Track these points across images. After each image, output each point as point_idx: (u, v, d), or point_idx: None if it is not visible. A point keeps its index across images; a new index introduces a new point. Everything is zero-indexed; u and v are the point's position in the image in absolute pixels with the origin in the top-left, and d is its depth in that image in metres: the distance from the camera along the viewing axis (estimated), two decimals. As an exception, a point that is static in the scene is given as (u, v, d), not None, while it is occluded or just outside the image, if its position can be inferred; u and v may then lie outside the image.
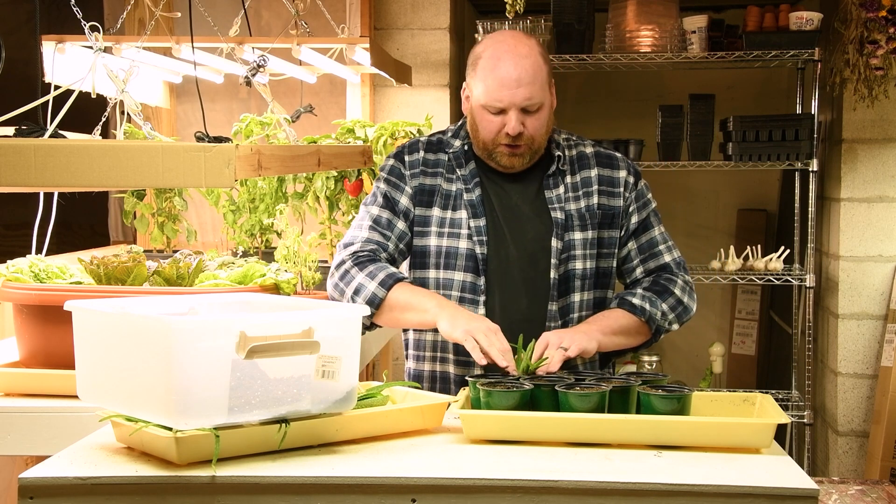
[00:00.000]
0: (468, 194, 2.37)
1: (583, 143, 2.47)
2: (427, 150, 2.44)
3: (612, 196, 2.41)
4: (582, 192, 2.40)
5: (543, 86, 2.31)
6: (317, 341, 1.75)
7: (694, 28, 4.22)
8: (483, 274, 2.33)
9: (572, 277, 2.35)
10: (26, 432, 2.22)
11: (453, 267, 2.35)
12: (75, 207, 3.26)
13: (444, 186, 2.39)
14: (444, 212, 2.37)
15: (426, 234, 2.38)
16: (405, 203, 2.39)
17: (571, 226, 2.36)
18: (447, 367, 2.38)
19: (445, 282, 2.35)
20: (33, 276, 2.46)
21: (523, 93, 2.27)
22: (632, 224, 2.42)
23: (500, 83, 2.28)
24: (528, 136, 2.31)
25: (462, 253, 2.34)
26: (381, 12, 4.27)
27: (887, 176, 4.11)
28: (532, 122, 2.30)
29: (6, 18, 4.35)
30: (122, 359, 1.75)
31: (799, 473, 1.68)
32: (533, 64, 2.29)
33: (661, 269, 2.42)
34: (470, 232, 2.34)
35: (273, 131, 3.44)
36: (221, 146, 1.89)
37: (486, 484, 1.63)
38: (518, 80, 2.27)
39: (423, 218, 2.39)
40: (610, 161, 2.44)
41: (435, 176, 2.41)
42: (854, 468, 4.15)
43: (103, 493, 1.63)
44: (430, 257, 2.37)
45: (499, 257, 2.35)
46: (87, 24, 2.39)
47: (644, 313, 2.33)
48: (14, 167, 1.75)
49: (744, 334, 5.32)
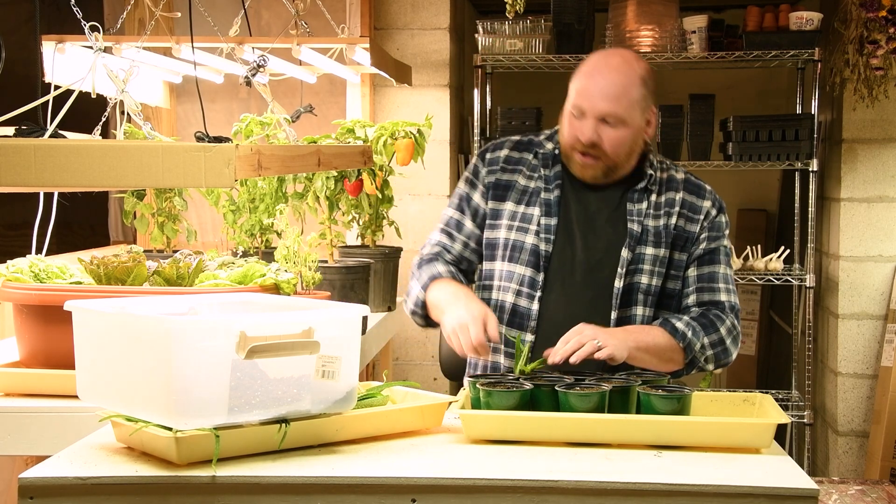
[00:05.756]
0: (546, 193, 2.41)
1: (675, 169, 2.48)
2: (513, 148, 2.49)
3: (691, 221, 2.41)
4: (663, 211, 2.40)
5: (632, 106, 2.31)
6: (317, 341, 1.75)
7: (694, 28, 4.22)
8: (543, 270, 2.36)
9: (636, 290, 2.35)
10: (26, 432, 2.22)
11: (517, 260, 2.39)
12: (75, 207, 3.26)
13: (522, 182, 2.44)
14: (518, 206, 2.42)
15: (497, 227, 2.43)
16: (477, 201, 2.47)
17: (645, 240, 2.36)
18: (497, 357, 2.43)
19: (508, 274, 2.39)
20: (33, 276, 2.46)
21: (605, 104, 2.29)
22: (698, 251, 2.40)
23: (586, 88, 2.32)
24: (603, 150, 2.32)
25: (527, 248, 2.38)
26: (381, 12, 4.27)
27: (887, 176, 4.11)
28: (610, 135, 2.31)
29: (6, 18, 4.36)
30: (122, 359, 1.75)
31: (799, 473, 1.68)
32: (626, 80, 2.31)
33: (713, 305, 2.38)
34: (538, 228, 2.38)
35: (273, 131, 3.43)
36: (221, 146, 1.89)
37: (486, 484, 1.63)
38: (603, 90, 2.29)
39: (496, 211, 2.44)
40: (698, 190, 2.45)
41: (514, 172, 2.46)
42: (854, 468, 4.15)
43: (103, 493, 1.63)
44: (499, 249, 2.42)
45: (563, 257, 2.37)
46: (87, 24, 2.39)
47: (684, 339, 2.30)
48: (14, 167, 1.75)
49: (744, 334, 5.30)
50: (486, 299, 2.43)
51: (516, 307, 2.38)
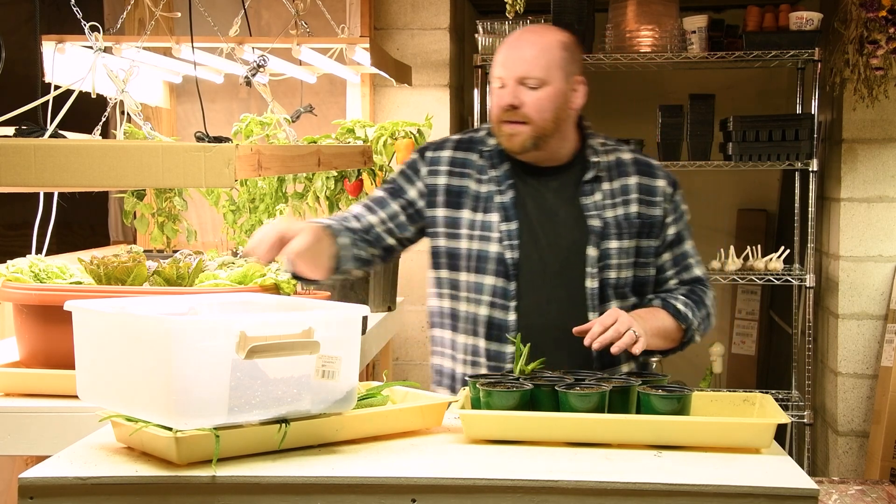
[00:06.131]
0: (500, 196, 2.34)
1: (620, 148, 2.45)
2: (456, 148, 2.42)
3: (652, 205, 2.38)
4: (620, 199, 2.37)
5: (551, 66, 2.30)
6: (317, 341, 1.75)
7: (694, 28, 4.22)
8: (514, 279, 2.30)
9: (608, 286, 2.33)
10: (26, 432, 2.22)
11: (484, 271, 2.32)
12: (75, 207, 3.26)
13: (474, 188, 2.37)
14: (475, 214, 2.35)
15: (458, 237, 2.36)
16: (412, 195, 2.39)
17: (608, 234, 2.33)
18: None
19: (476, 286, 2.33)
20: (33, 276, 2.46)
21: (522, 66, 2.28)
22: (669, 235, 2.40)
23: (506, 58, 2.32)
24: (526, 113, 2.29)
25: (492, 257, 2.32)
26: (381, 12, 4.27)
27: (887, 176, 4.11)
28: (530, 98, 2.29)
29: (6, 18, 4.36)
30: (122, 359, 1.75)
31: (799, 473, 1.68)
32: (544, 43, 2.31)
33: (694, 282, 2.42)
34: (500, 236, 2.32)
35: (273, 131, 3.44)
36: (221, 146, 1.89)
37: (486, 484, 1.63)
38: (521, 54, 2.29)
39: (454, 220, 2.36)
40: (650, 169, 2.42)
41: (463, 177, 2.38)
42: (854, 468, 4.15)
43: (103, 493, 1.63)
44: (462, 260, 2.35)
45: (531, 262, 2.32)
46: (87, 24, 2.39)
47: (686, 321, 2.32)
48: (14, 167, 1.75)
49: (744, 334, 5.32)
50: (456, 309, 2.37)
51: (492, 319, 2.32)
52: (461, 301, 2.36)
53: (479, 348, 2.33)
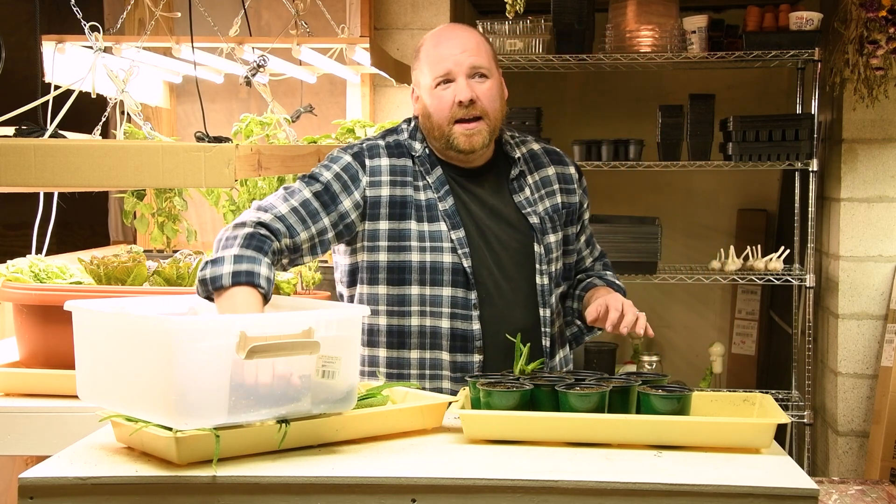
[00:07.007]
0: (442, 203, 2.28)
1: (527, 139, 2.45)
2: (391, 155, 2.31)
3: (570, 193, 2.42)
4: (545, 191, 2.39)
5: (490, 59, 2.29)
6: (317, 341, 1.75)
7: (694, 28, 4.22)
8: (474, 288, 2.26)
9: (551, 280, 2.35)
10: (26, 432, 2.22)
11: (440, 283, 2.25)
12: (75, 207, 3.26)
13: (415, 196, 2.28)
14: (421, 224, 2.26)
15: (406, 249, 2.26)
16: (347, 206, 2.24)
17: (546, 229, 2.35)
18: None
19: (433, 299, 2.25)
20: (33, 276, 2.47)
21: (470, 56, 2.25)
22: (585, 220, 2.48)
23: (443, 54, 2.26)
24: (482, 107, 2.25)
25: (447, 267, 2.25)
26: (381, 12, 4.27)
27: (887, 176, 4.11)
28: (483, 90, 2.25)
29: (6, 18, 4.36)
30: (122, 359, 1.75)
31: (799, 473, 1.68)
32: (477, 37, 2.30)
33: (601, 256, 2.54)
34: (453, 245, 2.26)
35: (273, 131, 3.44)
36: (221, 146, 1.89)
37: (486, 484, 1.63)
38: (461, 46, 2.26)
39: (400, 232, 2.26)
40: (560, 158, 2.46)
41: (405, 186, 2.28)
42: (854, 468, 4.15)
43: (103, 493, 1.63)
44: (413, 273, 2.25)
45: (485, 268, 2.28)
46: (87, 24, 2.39)
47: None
48: (14, 167, 1.75)
49: (744, 334, 5.32)
50: (405, 326, 2.26)
51: (454, 331, 2.25)
52: (414, 316, 2.26)
53: (441, 361, 2.27)
